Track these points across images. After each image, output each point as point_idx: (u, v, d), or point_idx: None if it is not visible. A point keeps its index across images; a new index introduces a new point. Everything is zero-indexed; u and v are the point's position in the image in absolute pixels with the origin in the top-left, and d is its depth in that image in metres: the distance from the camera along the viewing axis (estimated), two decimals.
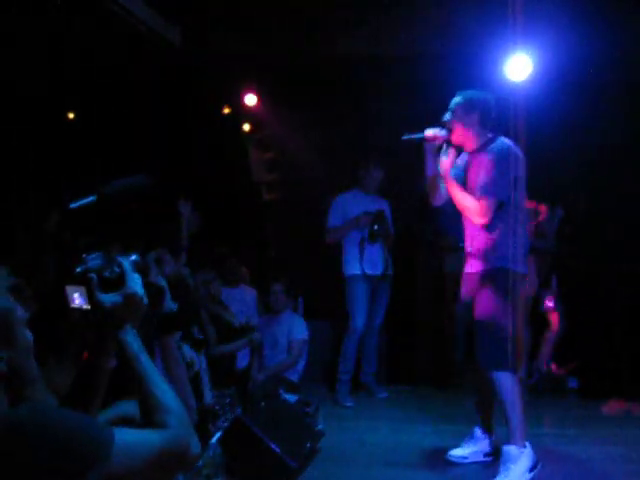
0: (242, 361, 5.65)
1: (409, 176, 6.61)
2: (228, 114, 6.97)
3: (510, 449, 3.70)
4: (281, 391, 4.62)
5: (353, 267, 5.78)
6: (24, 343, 1.45)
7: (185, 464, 1.52)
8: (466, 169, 4.02)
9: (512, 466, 3.66)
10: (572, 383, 6.13)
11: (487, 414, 4.16)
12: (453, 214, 6.11)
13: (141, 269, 1.68)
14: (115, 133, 6.66)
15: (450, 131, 3.93)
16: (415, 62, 5.80)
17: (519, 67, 4.89)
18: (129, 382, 1.60)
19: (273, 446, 3.72)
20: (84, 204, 1.78)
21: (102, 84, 6.37)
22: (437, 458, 4.23)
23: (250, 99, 6.77)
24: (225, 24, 5.78)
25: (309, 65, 6.16)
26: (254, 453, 3.70)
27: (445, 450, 4.27)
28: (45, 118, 6.54)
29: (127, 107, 6.56)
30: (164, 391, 1.55)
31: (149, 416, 1.52)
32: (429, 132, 3.92)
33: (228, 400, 4.15)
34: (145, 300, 1.64)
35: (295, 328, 5.86)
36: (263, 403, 4.11)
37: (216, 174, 6.89)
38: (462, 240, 5.90)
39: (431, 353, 6.42)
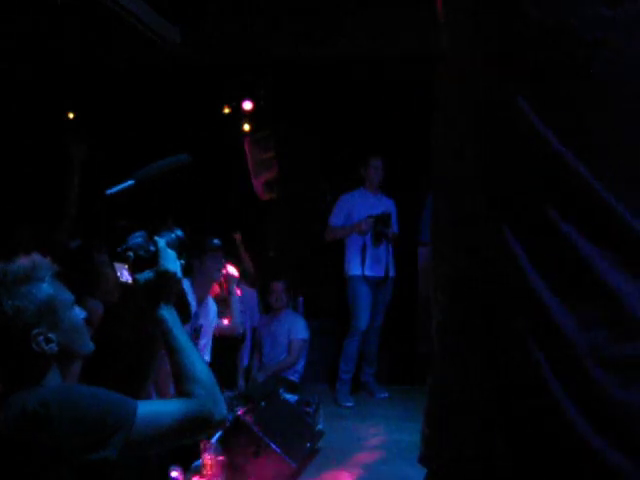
0: (242, 361, 5.64)
1: (409, 175, 6.63)
2: (228, 114, 6.97)
3: None
4: (281, 391, 4.61)
5: (355, 268, 5.75)
6: (71, 323, 1.63)
7: (209, 428, 1.65)
8: None
9: None
10: None
11: None
12: None
13: (182, 243, 1.79)
14: (114, 133, 6.66)
15: None
16: (415, 62, 5.79)
17: None
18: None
19: (273, 446, 3.72)
20: (122, 189, 1.80)
21: (102, 84, 6.37)
22: None
23: (246, 105, 6.80)
24: (225, 24, 5.78)
25: (309, 65, 6.15)
26: (254, 453, 3.70)
27: None
28: (45, 118, 6.54)
29: (126, 107, 6.56)
30: (193, 362, 1.65)
31: (178, 385, 1.64)
32: None
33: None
34: (179, 275, 1.74)
35: (295, 327, 5.85)
36: (263, 403, 4.11)
37: (216, 174, 6.89)
38: None
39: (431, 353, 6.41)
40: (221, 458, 3.43)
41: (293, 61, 6.12)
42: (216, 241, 4.46)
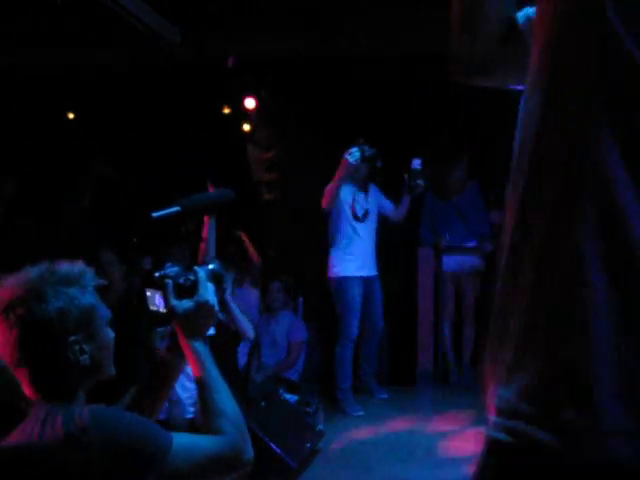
0: (239, 360, 5.62)
1: (408, 176, 6.63)
2: (228, 114, 6.96)
3: None
4: (281, 391, 4.61)
5: (340, 267, 5.58)
6: (104, 340, 1.56)
7: (237, 468, 1.59)
8: None
9: None
10: None
11: None
12: (447, 215, 6.15)
13: (218, 277, 1.74)
14: (114, 133, 6.66)
15: None
16: (415, 62, 5.79)
17: None
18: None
19: (273, 446, 3.72)
20: (168, 215, 1.76)
21: (102, 84, 6.37)
22: (437, 458, 4.23)
23: (249, 102, 6.76)
24: (225, 24, 5.78)
25: (309, 65, 6.15)
26: (254, 453, 3.69)
27: (445, 450, 4.27)
28: (45, 118, 6.54)
29: (126, 107, 6.56)
30: (224, 398, 1.60)
31: (207, 421, 1.58)
32: None
33: None
34: (217, 308, 1.69)
35: (294, 328, 5.85)
36: (263, 403, 4.11)
37: (216, 174, 6.87)
38: (458, 240, 5.94)
39: (431, 353, 6.41)
40: None
41: (293, 61, 6.11)
42: None
